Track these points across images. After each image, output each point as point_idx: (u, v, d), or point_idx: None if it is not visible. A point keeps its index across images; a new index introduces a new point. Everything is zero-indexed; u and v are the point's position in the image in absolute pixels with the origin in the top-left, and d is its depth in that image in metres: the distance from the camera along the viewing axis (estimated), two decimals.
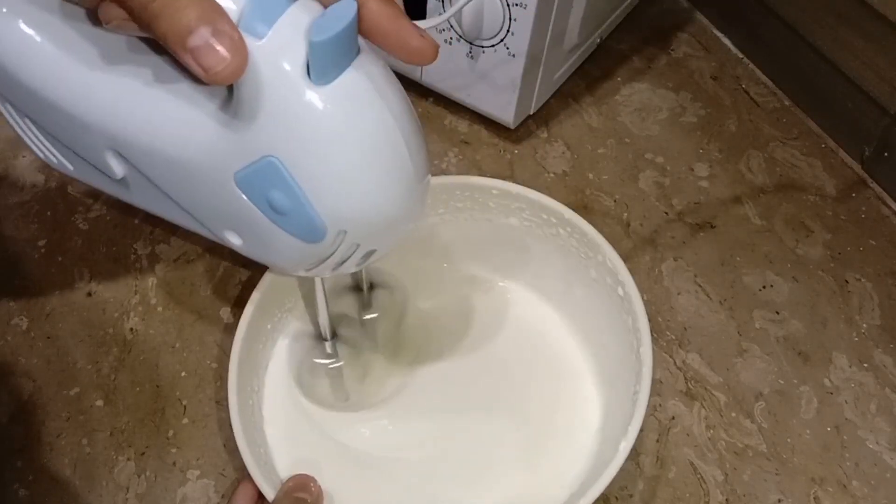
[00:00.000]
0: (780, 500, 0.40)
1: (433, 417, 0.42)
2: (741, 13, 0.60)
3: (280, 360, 0.43)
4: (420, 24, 0.46)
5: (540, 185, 0.51)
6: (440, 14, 0.49)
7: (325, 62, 0.25)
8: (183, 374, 0.45)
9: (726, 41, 0.62)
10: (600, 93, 0.58)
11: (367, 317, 0.43)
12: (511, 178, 0.53)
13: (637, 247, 0.50)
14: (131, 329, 0.46)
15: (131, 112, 0.28)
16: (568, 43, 0.53)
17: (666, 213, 0.51)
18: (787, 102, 0.57)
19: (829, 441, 0.42)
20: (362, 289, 0.43)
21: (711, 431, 0.42)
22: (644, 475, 0.41)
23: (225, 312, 0.47)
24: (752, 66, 0.60)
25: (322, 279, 0.37)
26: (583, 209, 0.51)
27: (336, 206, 0.27)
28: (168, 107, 0.28)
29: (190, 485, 0.41)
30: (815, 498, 0.40)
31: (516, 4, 0.45)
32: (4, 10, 0.28)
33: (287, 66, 0.25)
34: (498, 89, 0.51)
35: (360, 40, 0.26)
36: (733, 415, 0.43)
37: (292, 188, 0.27)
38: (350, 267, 0.31)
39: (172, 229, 0.50)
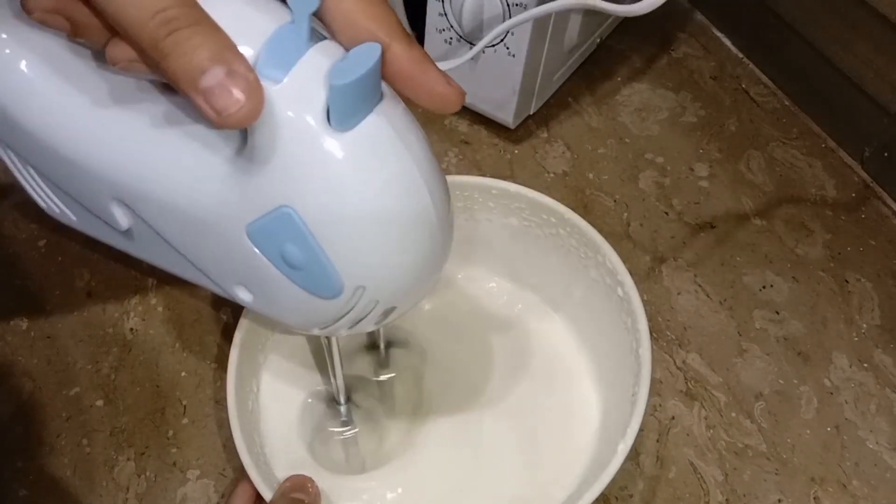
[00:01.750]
0: (780, 500, 0.40)
1: (432, 418, 0.42)
2: (741, 13, 0.60)
3: (279, 360, 0.43)
4: (443, 65, 0.46)
5: (540, 185, 0.51)
6: (440, 15, 0.49)
7: (346, 107, 0.23)
8: (183, 374, 0.45)
9: (726, 41, 0.62)
10: (600, 93, 0.58)
11: (384, 377, 0.42)
12: (511, 178, 0.53)
13: (637, 247, 0.50)
14: (131, 329, 0.46)
15: (138, 159, 0.27)
16: (568, 43, 0.53)
17: (666, 213, 0.51)
18: (787, 102, 0.57)
19: (829, 441, 0.42)
20: (378, 347, 0.42)
21: (711, 431, 0.42)
22: (644, 475, 0.41)
23: (225, 312, 0.47)
24: (752, 66, 0.60)
25: (336, 339, 0.35)
26: (583, 209, 0.51)
27: (355, 261, 0.25)
28: (177, 153, 0.26)
29: (190, 485, 0.41)
30: (815, 498, 0.40)
31: (516, 4, 0.45)
32: (7, 51, 0.27)
33: (306, 112, 0.23)
34: (498, 89, 0.51)
35: (382, 85, 0.25)
36: (733, 415, 0.43)
37: (308, 241, 0.25)
38: (368, 325, 0.28)
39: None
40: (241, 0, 0.24)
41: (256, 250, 0.26)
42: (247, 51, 0.23)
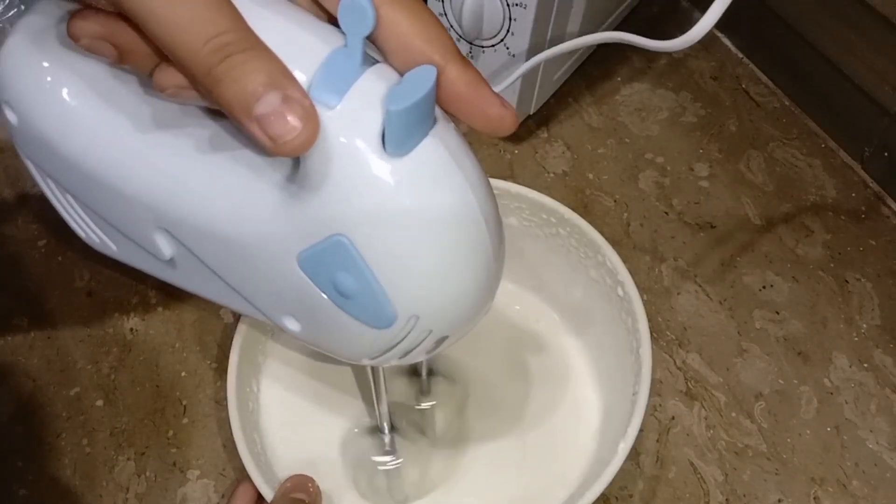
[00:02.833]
0: (780, 500, 0.40)
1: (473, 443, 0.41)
2: (741, 13, 0.59)
3: (279, 361, 0.43)
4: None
5: (540, 185, 0.51)
6: (440, 15, 0.49)
7: (402, 132, 0.22)
8: (183, 374, 0.45)
9: (726, 41, 0.62)
10: (600, 93, 0.58)
11: (425, 405, 0.41)
12: (511, 178, 0.53)
13: (637, 247, 0.50)
14: (131, 329, 0.46)
15: (183, 186, 0.26)
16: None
17: (666, 213, 0.51)
18: (787, 102, 0.57)
19: (829, 441, 0.42)
20: (420, 374, 0.41)
21: (711, 431, 0.42)
22: (644, 475, 0.41)
23: (225, 312, 0.47)
24: (752, 66, 0.60)
25: (382, 368, 0.34)
26: (583, 209, 0.51)
27: (409, 290, 0.25)
28: (224, 180, 0.25)
29: (190, 485, 0.41)
30: (815, 498, 0.40)
31: (516, 4, 0.45)
32: (49, 79, 0.26)
33: (360, 136, 0.22)
34: (498, 89, 0.51)
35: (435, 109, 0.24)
36: (733, 415, 0.43)
37: (361, 270, 0.24)
38: (419, 355, 0.28)
39: None
40: (293, 23, 0.23)
41: (307, 279, 0.25)
42: (300, 76, 0.22)
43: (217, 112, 0.25)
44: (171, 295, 0.48)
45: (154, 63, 0.23)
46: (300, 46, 0.23)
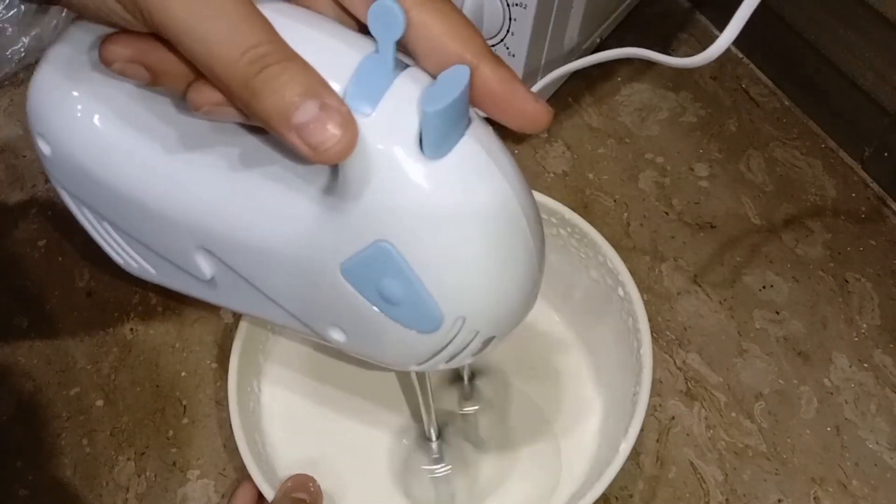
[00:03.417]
0: (780, 500, 0.40)
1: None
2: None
3: (280, 360, 0.43)
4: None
5: (540, 186, 0.51)
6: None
7: (439, 134, 0.22)
8: (183, 374, 0.45)
9: None
10: (600, 93, 0.58)
11: (468, 410, 0.41)
12: None
13: (637, 247, 0.50)
14: (131, 329, 0.46)
15: (222, 204, 0.26)
16: (568, 43, 0.53)
17: (666, 213, 0.51)
18: (787, 102, 0.57)
19: (829, 441, 0.42)
20: (462, 378, 0.41)
21: (711, 431, 0.42)
22: (644, 475, 0.41)
23: (225, 312, 0.47)
24: (752, 66, 0.60)
25: (428, 374, 0.34)
26: (583, 209, 0.51)
27: (455, 291, 0.24)
28: (264, 195, 0.25)
29: (190, 485, 0.41)
30: (815, 498, 0.40)
31: (516, 4, 0.45)
32: (79, 106, 0.26)
33: (398, 141, 0.22)
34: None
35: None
36: (733, 415, 0.43)
37: (407, 275, 0.24)
38: (466, 357, 0.27)
39: None
40: (325, 33, 0.23)
41: (352, 289, 0.25)
42: (334, 85, 0.22)
43: (250, 128, 0.25)
44: (172, 295, 0.48)
45: (187, 82, 0.23)
46: (332, 55, 0.23)
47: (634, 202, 0.52)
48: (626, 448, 0.34)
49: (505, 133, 0.26)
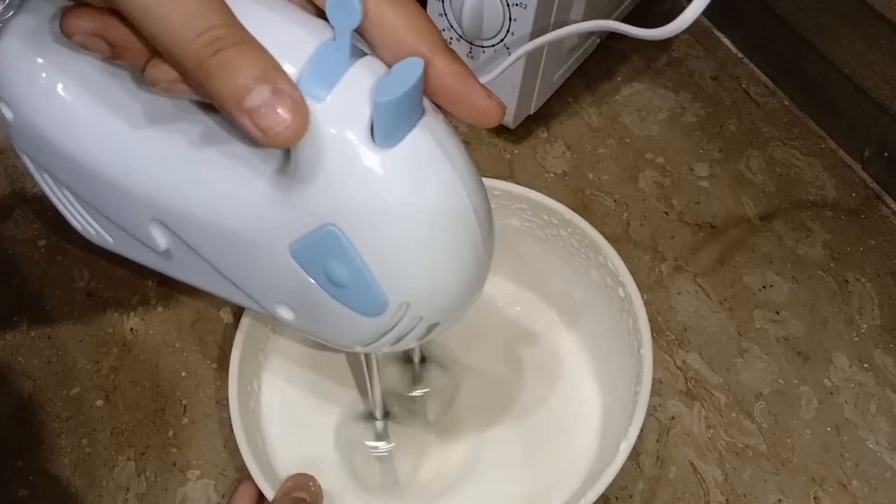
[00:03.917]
0: (780, 500, 0.40)
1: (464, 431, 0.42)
2: (741, 13, 0.60)
3: (280, 360, 0.43)
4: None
5: (540, 185, 0.51)
6: (440, 15, 0.49)
7: (390, 124, 0.23)
8: (183, 374, 0.45)
9: (726, 41, 0.62)
10: (600, 93, 0.58)
11: (417, 392, 0.42)
12: (511, 178, 0.53)
13: (637, 247, 0.50)
14: (131, 329, 0.46)
15: (177, 179, 0.27)
16: (568, 43, 0.53)
17: (666, 213, 0.51)
18: (787, 102, 0.57)
19: (829, 441, 0.42)
20: (412, 361, 0.42)
21: (711, 431, 0.42)
22: (644, 475, 0.41)
23: (225, 312, 0.47)
24: (752, 66, 0.60)
25: (375, 355, 0.35)
26: (583, 209, 0.51)
27: (400, 278, 0.25)
28: (218, 173, 0.26)
29: (190, 485, 0.41)
30: (815, 498, 0.40)
31: (516, 4, 0.45)
32: (43, 75, 0.27)
33: (350, 128, 0.23)
34: (498, 89, 0.51)
35: (424, 100, 0.25)
36: (733, 415, 0.43)
37: (353, 259, 0.24)
38: (411, 342, 0.28)
39: None
40: (282, 17, 0.23)
41: (300, 269, 0.26)
42: (289, 69, 0.22)
43: (209, 106, 0.26)
44: (172, 295, 0.48)
45: (146, 58, 0.23)
46: (289, 40, 0.23)
47: (634, 202, 0.52)
48: (626, 448, 0.34)
49: (504, 134, 0.26)
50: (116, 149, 0.27)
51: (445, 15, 0.49)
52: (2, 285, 0.48)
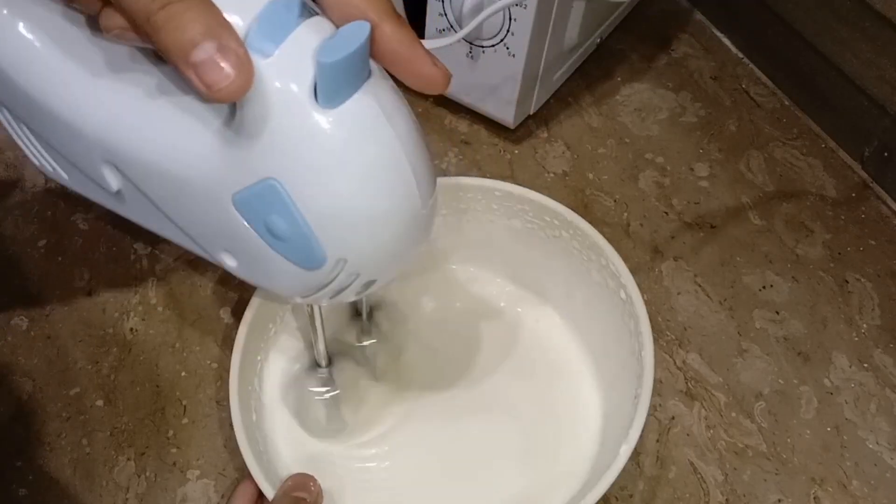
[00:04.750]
0: (780, 500, 0.40)
1: (432, 420, 0.42)
2: (741, 13, 0.60)
3: (281, 359, 0.43)
4: (428, 44, 0.46)
5: (540, 186, 0.51)
6: (440, 15, 0.49)
7: (333, 85, 0.23)
8: (183, 374, 0.45)
9: (726, 41, 0.62)
10: (600, 93, 0.58)
11: (366, 343, 0.42)
12: (511, 178, 0.53)
13: (637, 247, 0.50)
14: (131, 329, 0.46)
15: (129, 124, 0.27)
16: (568, 43, 0.53)
17: (666, 213, 0.51)
18: (787, 102, 0.57)
19: (829, 441, 0.42)
20: (361, 314, 0.42)
21: (711, 431, 0.42)
22: (644, 475, 0.41)
23: (225, 312, 0.47)
24: (752, 66, 0.60)
25: (317, 307, 0.36)
26: (583, 209, 0.51)
27: (337, 234, 0.26)
28: (168, 121, 0.27)
29: (190, 485, 0.41)
30: (815, 498, 0.40)
31: (516, 4, 0.45)
32: (5, 11, 0.28)
33: (294, 87, 0.23)
34: (498, 89, 0.51)
35: (371, 63, 0.25)
36: (733, 415, 0.43)
37: (292, 213, 0.25)
38: (349, 296, 0.29)
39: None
40: None
41: (242, 219, 0.27)
42: (238, 22, 0.23)
43: (161, 57, 0.26)
44: (172, 295, 0.48)
45: (101, 5, 0.24)
46: None
47: (634, 202, 0.52)
48: (627, 448, 0.34)
49: (504, 134, 0.26)
50: (72, 91, 0.28)
51: (445, 15, 0.49)
52: (2, 285, 0.48)
